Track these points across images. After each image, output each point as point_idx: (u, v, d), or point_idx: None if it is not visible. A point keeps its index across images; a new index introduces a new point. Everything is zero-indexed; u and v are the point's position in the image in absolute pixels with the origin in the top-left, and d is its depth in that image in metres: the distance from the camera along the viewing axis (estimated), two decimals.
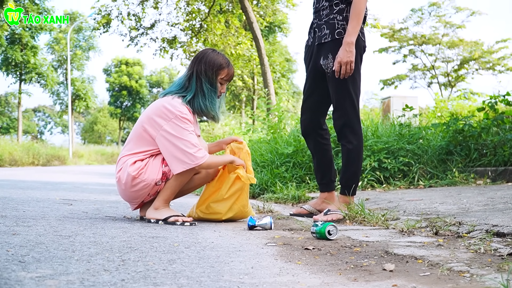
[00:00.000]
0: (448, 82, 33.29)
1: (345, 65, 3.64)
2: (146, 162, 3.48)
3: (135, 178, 3.43)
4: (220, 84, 3.64)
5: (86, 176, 12.86)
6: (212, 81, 3.58)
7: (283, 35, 33.56)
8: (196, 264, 2.11)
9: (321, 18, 3.84)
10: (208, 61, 3.59)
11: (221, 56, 3.65)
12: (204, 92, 3.56)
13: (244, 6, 15.53)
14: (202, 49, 3.75)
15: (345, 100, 3.78)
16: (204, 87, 3.56)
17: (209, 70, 3.57)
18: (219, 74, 3.60)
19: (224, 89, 3.70)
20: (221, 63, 3.61)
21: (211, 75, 3.57)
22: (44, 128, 73.30)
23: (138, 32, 19.47)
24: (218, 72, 3.59)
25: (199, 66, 3.59)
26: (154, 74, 64.07)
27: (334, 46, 3.74)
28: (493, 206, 3.76)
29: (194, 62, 3.64)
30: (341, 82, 3.74)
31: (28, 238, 2.55)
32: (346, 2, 3.75)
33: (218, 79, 3.61)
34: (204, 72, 3.57)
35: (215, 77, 3.59)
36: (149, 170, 3.46)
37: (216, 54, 3.64)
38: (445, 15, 31.52)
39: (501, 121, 6.67)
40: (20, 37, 32.08)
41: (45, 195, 5.70)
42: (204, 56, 3.62)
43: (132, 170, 3.43)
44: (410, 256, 2.32)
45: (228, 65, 3.65)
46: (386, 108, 14.83)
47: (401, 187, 6.15)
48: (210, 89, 3.58)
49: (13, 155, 22.13)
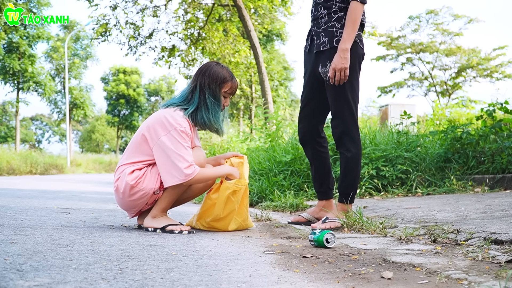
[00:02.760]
0: (446, 90, 33.33)
1: (340, 72, 3.64)
2: (144, 171, 3.48)
3: (133, 187, 3.43)
4: (223, 98, 3.63)
5: (84, 185, 12.85)
6: (215, 94, 3.57)
7: (281, 43, 33.64)
8: (194, 273, 2.11)
9: (319, 26, 3.84)
10: (212, 74, 3.57)
11: (225, 69, 3.64)
12: (208, 105, 3.55)
13: (242, 15, 15.57)
14: (206, 62, 3.75)
15: (344, 108, 3.78)
16: (207, 100, 3.55)
17: (213, 83, 3.56)
18: (222, 87, 3.59)
19: (227, 102, 3.68)
20: (225, 76, 3.60)
21: (215, 88, 3.56)
22: (42, 136, 73.28)
23: (137, 41, 19.49)
24: (222, 85, 3.58)
25: (202, 79, 3.57)
26: (152, 82, 64.11)
27: (332, 54, 3.74)
28: (491, 214, 3.76)
29: (198, 74, 3.62)
30: (340, 90, 3.75)
31: (26, 247, 2.54)
32: (345, 10, 3.76)
33: (222, 92, 3.60)
34: (208, 85, 3.55)
35: (218, 90, 3.57)
36: (147, 179, 3.45)
37: (220, 67, 3.63)
38: (442, 23, 31.58)
39: (499, 129, 6.68)
40: (18, 46, 32.10)
41: (43, 203, 5.69)
42: (208, 69, 3.60)
43: (130, 179, 3.43)
44: (408, 264, 2.32)
45: (232, 79, 3.64)
46: (384, 116, 14.85)
47: (399, 195, 6.15)
48: (213, 102, 3.56)
49: (11, 164, 22.10)
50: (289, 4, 19.58)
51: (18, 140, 34.91)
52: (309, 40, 3.96)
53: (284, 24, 25.44)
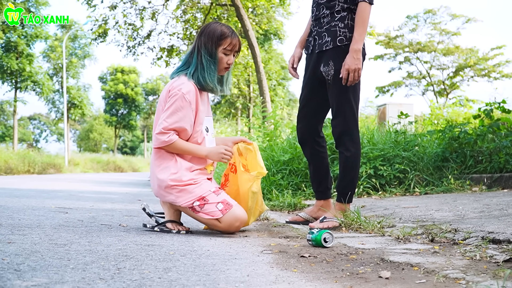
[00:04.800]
0: (444, 90, 33.36)
1: (353, 72, 3.64)
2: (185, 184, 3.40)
3: (172, 187, 3.40)
4: (224, 55, 3.52)
5: (81, 184, 12.83)
6: (211, 52, 3.47)
7: (279, 43, 33.62)
8: (191, 272, 2.11)
9: (321, 26, 3.83)
10: (208, 32, 3.50)
11: (224, 26, 3.54)
12: (203, 64, 3.47)
13: (240, 14, 15.56)
14: (207, 23, 3.66)
15: (345, 108, 3.78)
16: (203, 59, 3.47)
17: (209, 42, 3.47)
18: (220, 45, 3.48)
19: (230, 59, 3.54)
20: (223, 32, 3.49)
21: (211, 46, 3.47)
22: (40, 136, 73.33)
23: (135, 42, 19.47)
24: (219, 42, 3.48)
25: (200, 39, 3.51)
26: (150, 81, 64.15)
27: (335, 53, 3.74)
28: (488, 213, 3.76)
29: (198, 35, 3.57)
30: (342, 90, 3.75)
31: (23, 247, 2.54)
32: (348, 9, 3.75)
33: (220, 50, 3.49)
34: (204, 44, 3.48)
35: (215, 48, 3.47)
36: (207, 206, 3.38)
37: (219, 25, 3.54)
38: (440, 22, 31.62)
39: (497, 128, 6.68)
40: (16, 45, 32.11)
41: (40, 203, 5.69)
42: (206, 29, 3.54)
43: (170, 179, 3.40)
44: (406, 263, 2.32)
45: (232, 34, 3.51)
46: (382, 115, 14.84)
47: (397, 194, 6.15)
48: (209, 60, 3.47)
49: (8, 163, 22.09)
50: (288, 2, 19.55)
51: (16, 139, 34.91)
52: (312, 41, 3.95)
53: (282, 23, 25.41)
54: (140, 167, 42.81)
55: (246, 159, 3.68)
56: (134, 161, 44.57)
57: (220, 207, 3.34)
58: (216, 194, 3.39)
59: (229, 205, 3.35)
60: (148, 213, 3.69)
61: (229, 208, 3.34)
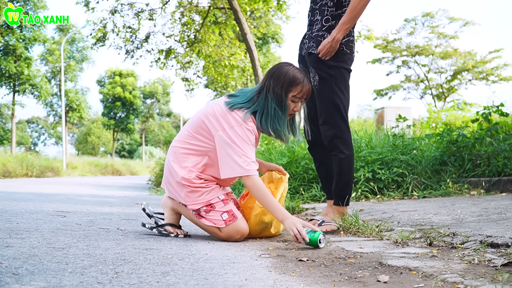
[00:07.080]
0: (442, 93, 33.41)
1: (323, 51, 3.66)
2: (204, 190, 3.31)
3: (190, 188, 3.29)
4: (292, 102, 3.28)
5: (79, 188, 12.83)
6: (280, 99, 3.24)
7: (277, 46, 33.65)
8: (190, 276, 2.11)
9: (312, 31, 3.84)
10: (278, 75, 3.25)
11: (297, 71, 3.28)
12: (269, 111, 3.23)
13: (238, 17, 15.55)
14: (279, 62, 3.42)
15: (333, 113, 3.74)
16: (269, 105, 3.24)
17: (278, 87, 3.22)
18: (290, 91, 3.24)
19: (297, 107, 3.31)
20: (294, 78, 3.23)
21: (280, 93, 3.22)
22: (38, 139, 73.32)
23: (134, 45, 19.47)
24: (290, 89, 3.23)
25: (269, 81, 3.26)
26: (148, 85, 64.11)
27: (317, 59, 3.75)
28: (487, 217, 3.76)
29: (267, 75, 3.32)
30: (326, 96, 3.72)
31: (21, 250, 2.54)
32: (337, 17, 3.73)
33: (289, 97, 3.25)
34: (272, 89, 3.23)
35: (284, 95, 3.23)
36: (212, 213, 3.31)
37: (291, 69, 3.28)
38: (438, 25, 31.69)
39: (495, 132, 6.69)
40: (14, 48, 32.13)
41: (38, 207, 5.68)
42: (276, 71, 3.28)
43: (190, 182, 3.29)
44: (404, 267, 2.32)
45: (303, 81, 3.25)
46: (380, 118, 14.86)
47: (395, 198, 6.15)
48: (275, 108, 3.23)
49: (6, 167, 22.09)
50: (285, 7, 19.56)
51: (14, 142, 34.87)
52: (303, 43, 3.96)
53: (280, 27, 25.44)
54: (138, 171, 42.78)
55: (277, 188, 3.54)
56: (132, 164, 44.52)
57: (225, 217, 3.27)
58: (224, 203, 3.32)
59: (234, 217, 3.28)
60: (147, 213, 3.70)
61: (233, 220, 3.27)
